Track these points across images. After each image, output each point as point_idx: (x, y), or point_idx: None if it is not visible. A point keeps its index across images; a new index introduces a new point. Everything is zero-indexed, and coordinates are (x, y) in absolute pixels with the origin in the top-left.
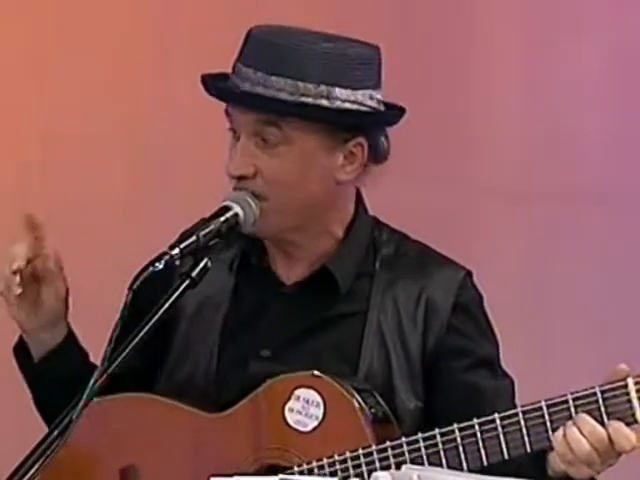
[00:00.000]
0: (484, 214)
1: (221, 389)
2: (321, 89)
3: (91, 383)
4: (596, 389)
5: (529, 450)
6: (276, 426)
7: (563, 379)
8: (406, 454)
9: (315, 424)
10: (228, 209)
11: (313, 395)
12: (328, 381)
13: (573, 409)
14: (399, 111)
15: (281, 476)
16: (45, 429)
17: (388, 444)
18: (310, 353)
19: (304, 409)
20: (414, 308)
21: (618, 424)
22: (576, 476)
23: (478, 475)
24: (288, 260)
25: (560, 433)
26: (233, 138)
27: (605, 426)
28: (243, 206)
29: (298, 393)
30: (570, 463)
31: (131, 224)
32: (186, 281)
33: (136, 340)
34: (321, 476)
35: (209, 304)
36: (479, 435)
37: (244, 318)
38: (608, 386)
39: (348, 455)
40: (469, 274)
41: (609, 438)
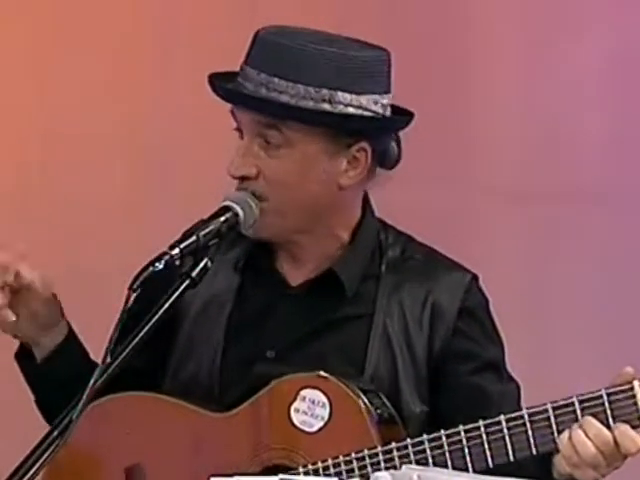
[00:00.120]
0: (484, 214)
1: (225, 389)
2: (323, 93)
3: (91, 383)
4: (602, 392)
5: (534, 452)
6: (281, 426)
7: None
8: (411, 455)
9: (321, 425)
10: (228, 209)
11: (319, 396)
12: (334, 382)
13: (579, 412)
14: (407, 117)
15: (281, 476)
16: (45, 429)
17: (394, 445)
18: (315, 355)
19: (310, 410)
20: (420, 311)
21: (624, 427)
22: (581, 479)
23: (478, 475)
24: (294, 262)
25: (566, 435)
26: (240, 138)
27: (611, 429)
28: (243, 206)
29: (304, 394)
30: (575, 466)
31: (131, 224)
32: (186, 281)
33: (136, 340)
34: (327, 477)
35: (214, 303)
36: (485, 437)
37: (249, 318)
38: (614, 389)
39: (353, 456)
40: (475, 278)
41: (615, 441)
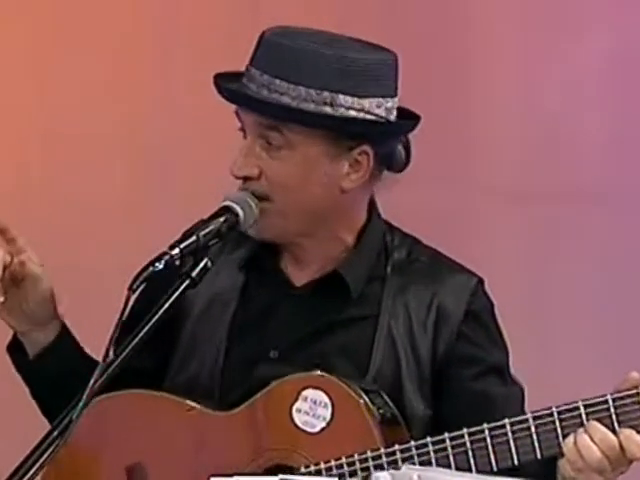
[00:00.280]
0: (484, 214)
1: (227, 388)
2: (324, 95)
3: (91, 383)
4: (607, 396)
5: (539, 456)
6: (283, 427)
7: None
8: (415, 457)
9: (323, 425)
10: (228, 209)
11: (321, 396)
12: (336, 382)
13: (584, 416)
14: (412, 120)
15: (281, 476)
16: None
17: (397, 447)
18: (319, 355)
19: (312, 410)
20: (425, 314)
21: (629, 431)
22: None
23: (478, 475)
24: (297, 263)
25: (571, 440)
26: (243, 138)
27: (616, 434)
28: (243, 206)
29: (306, 394)
30: (580, 470)
31: (131, 224)
32: (186, 281)
33: (136, 340)
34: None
35: (218, 302)
36: (489, 440)
37: (253, 318)
38: (620, 394)
39: (356, 457)
40: (481, 281)
41: (620, 446)
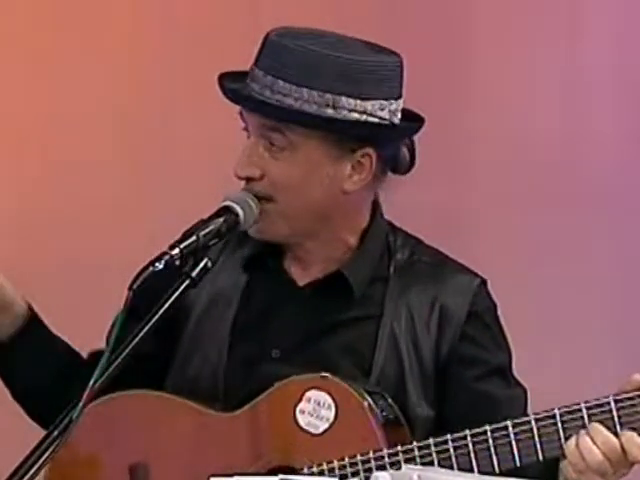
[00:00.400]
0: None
1: (230, 387)
2: (327, 97)
3: (91, 384)
4: (610, 398)
5: (541, 458)
6: (287, 428)
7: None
8: (417, 458)
9: (326, 426)
10: (228, 209)
11: (324, 397)
12: (339, 383)
13: (586, 418)
14: (415, 123)
15: (281, 476)
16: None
17: (399, 448)
18: (321, 355)
19: (315, 411)
20: (428, 315)
21: (631, 434)
22: None
23: (478, 475)
24: (301, 263)
25: (572, 442)
26: (247, 138)
27: (618, 436)
28: (243, 206)
29: (309, 395)
30: (582, 472)
31: (131, 224)
32: (186, 281)
33: (136, 340)
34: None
35: (220, 300)
36: (491, 441)
37: (255, 317)
38: (622, 396)
39: (359, 458)
40: (484, 282)
41: (622, 448)
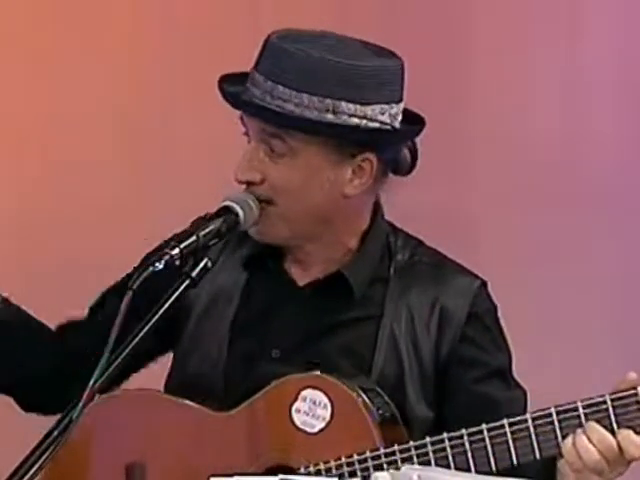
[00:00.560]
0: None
1: (229, 385)
2: (327, 103)
3: (91, 383)
4: (606, 397)
5: (538, 457)
6: (283, 427)
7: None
8: (414, 458)
9: (322, 425)
10: (228, 209)
11: (320, 396)
12: (335, 382)
13: (583, 417)
14: (417, 126)
15: (281, 476)
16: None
17: (396, 447)
18: (321, 356)
19: (311, 410)
20: (428, 316)
21: (627, 432)
22: None
23: (478, 475)
24: (301, 264)
25: (569, 441)
26: (248, 142)
27: (615, 434)
28: (243, 207)
29: (305, 394)
30: (579, 471)
31: (131, 224)
32: (186, 281)
33: (136, 340)
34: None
35: (221, 299)
36: (488, 440)
37: (255, 316)
38: (618, 394)
39: (355, 458)
40: (484, 284)
41: (619, 446)
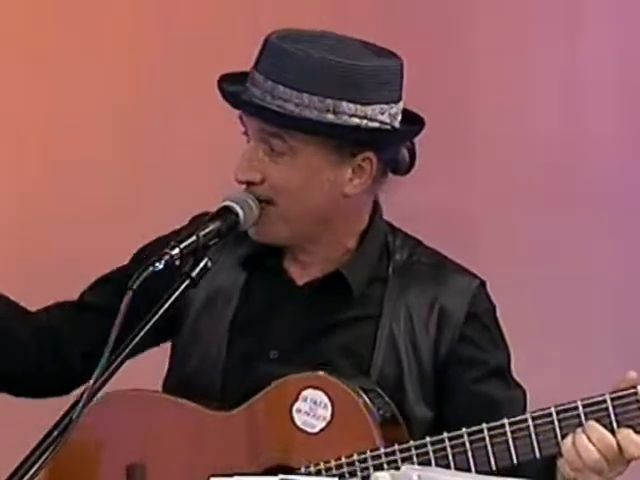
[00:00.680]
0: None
1: (228, 385)
2: (327, 103)
3: (91, 383)
4: (606, 396)
5: (538, 456)
6: (283, 427)
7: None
8: (414, 457)
9: (322, 425)
10: (228, 209)
11: (321, 396)
12: (335, 382)
13: (583, 416)
14: (417, 125)
15: (281, 476)
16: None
17: (396, 447)
18: (319, 356)
19: (312, 410)
20: (427, 315)
21: (627, 431)
22: None
23: (478, 475)
24: (300, 263)
25: (569, 440)
26: (247, 142)
27: (614, 433)
28: (243, 207)
29: (306, 394)
30: (579, 470)
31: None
32: (186, 281)
33: (136, 340)
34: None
35: (218, 298)
36: (488, 440)
37: (254, 316)
38: (618, 393)
39: (356, 458)
40: (483, 284)
41: (618, 445)
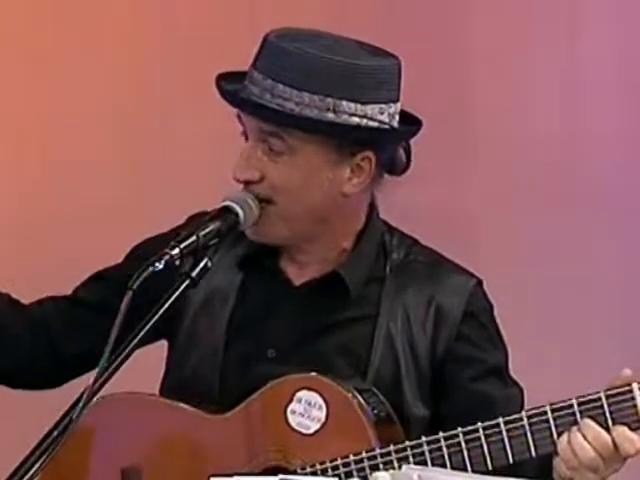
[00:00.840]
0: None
1: (225, 386)
2: (327, 102)
3: (91, 383)
4: (601, 394)
5: (534, 455)
6: (278, 428)
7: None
8: (410, 457)
9: (317, 427)
10: (228, 209)
11: (315, 397)
12: (330, 383)
13: (578, 414)
14: (414, 126)
15: (281, 476)
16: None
17: (392, 447)
18: (317, 356)
19: (306, 411)
20: (424, 315)
21: (622, 429)
22: None
23: (478, 475)
24: (297, 263)
25: (565, 439)
26: (245, 141)
27: (610, 431)
28: (243, 206)
29: (300, 395)
30: (575, 469)
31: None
32: (186, 281)
33: (136, 340)
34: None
35: (216, 299)
36: (483, 439)
37: (251, 316)
38: (613, 391)
39: (352, 458)
40: (480, 283)
41: (614, 443)
